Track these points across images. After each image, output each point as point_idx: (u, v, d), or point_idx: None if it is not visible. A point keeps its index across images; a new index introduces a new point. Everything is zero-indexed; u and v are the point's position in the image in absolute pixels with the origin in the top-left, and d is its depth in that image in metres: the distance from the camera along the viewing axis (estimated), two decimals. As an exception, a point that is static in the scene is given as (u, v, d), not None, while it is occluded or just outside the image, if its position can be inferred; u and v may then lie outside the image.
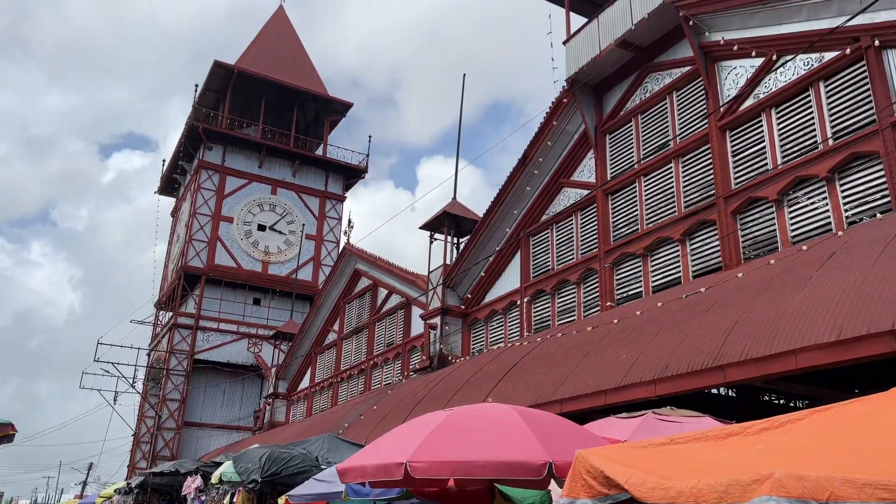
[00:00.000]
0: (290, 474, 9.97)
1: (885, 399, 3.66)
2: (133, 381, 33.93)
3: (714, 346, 7.27)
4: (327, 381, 25.36)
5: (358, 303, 24.42)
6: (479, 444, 4.79)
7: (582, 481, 3.98)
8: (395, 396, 15.95)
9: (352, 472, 5.40)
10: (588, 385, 8.90)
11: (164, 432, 32.16)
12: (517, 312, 16.19)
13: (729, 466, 3.52)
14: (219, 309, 34.23)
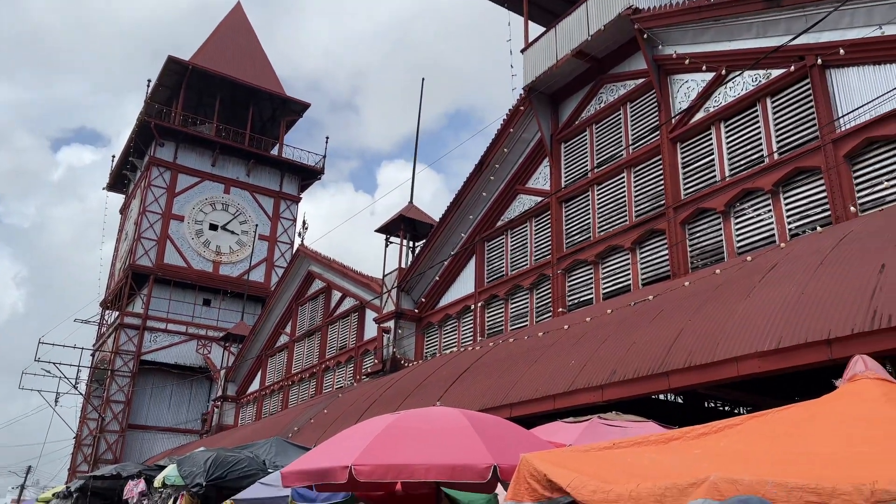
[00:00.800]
0: (236, 478, 9.81)
1: (816, 406, 3.79)
2: (76, 381, 32.91)
3: (660, 353, 7.42)
4: (278, 384, 25.01)
5: (311, 305, 24.16)
6: (425, 447, 4.78)
7: (526, 484, 4.02)
8: (346, 400, 15.83)
9: (295, 475, 5.33)
10: (537, 390, 8.98)
11: (108, 435, 31.24)
12: (471, 317, 16.25)
13: (668, 470, 3.60)
14: (167, 309, 33.45)
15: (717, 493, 3.10)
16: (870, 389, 3.58)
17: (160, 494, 10.43)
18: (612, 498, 3.59)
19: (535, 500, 3.95)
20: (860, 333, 5.38)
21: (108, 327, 35.08)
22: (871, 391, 3.56)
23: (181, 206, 34.73)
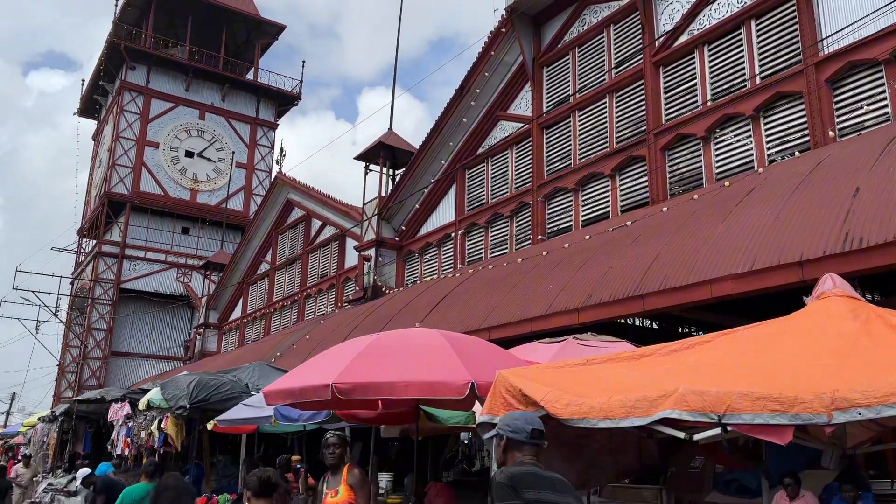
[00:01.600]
0: (220, 400, 9.94)
1: (785, 323, 3.89)
2: (56, 310, 32.86)
3: (636, 277, 7.52)
4: (260, 311, 25.16)
5: (291, 234, 24.06)
6: (405, 365, 4.87)
7: (502, 399, 4.11)
8: (328, 326, 15.99)
9: (278, 394, 5.42)
10: (516, 314, 9.11)
11: (91, 362, 31.46)
12: (451, 245, 16.31)
13: (639, 384, 3.70)
14: (145, 237, 33.16)
15: (685, 404, 3.21)
16: (837, 306, 3.68)
17: (145, 417, 10.59)
18: (585, 410, 3.70)
19: (511, 414, 4.07)
20: (832, 255, 5.48)
21: (87, 256, 34.80)
22: (839, 308, 3.65)
23: (155, 132, 33.94)
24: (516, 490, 2.99)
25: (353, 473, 4.95)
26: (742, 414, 2.96)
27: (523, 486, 2.99)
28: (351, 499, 4.87)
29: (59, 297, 33.39)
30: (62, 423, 14.22)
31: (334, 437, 5.12)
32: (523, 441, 3.17)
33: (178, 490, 5.54)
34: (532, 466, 3.11)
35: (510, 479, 3.01)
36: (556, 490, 3.07)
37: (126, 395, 11.60)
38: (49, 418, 16.54)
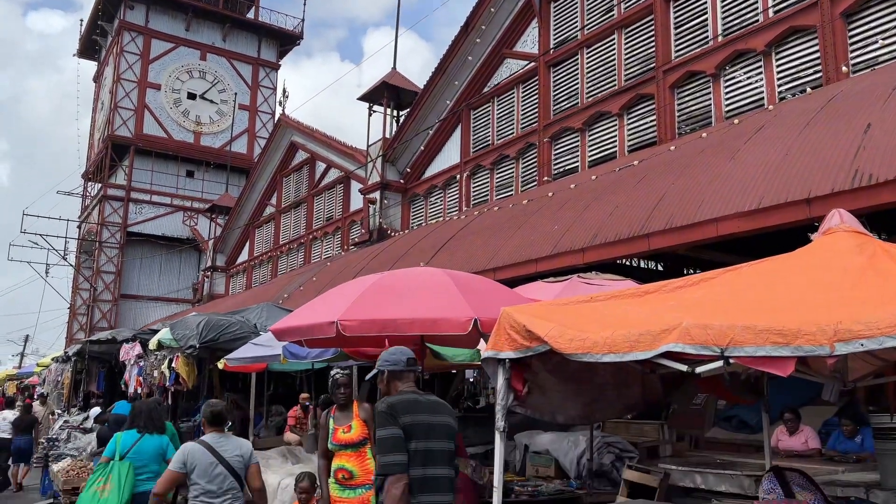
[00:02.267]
0: (229, 340, 10.09)
1: (791, 258, 3.87)
2: (64, 253, 33.11)
3: (642, 216, 7.49)
4: (266, 254, 25.29)
5: (295, 177, 23.96)
6: (409, 303, 4.91)
7: (506, 335, 4.15)
8: (334, 268, 16.08)
9: (285, 332, 5.49)
10: (520, 254, 9.12)
11: (101, 304, 31.86)
12: (456, 187, 16.23)
13: (643, 320, 3.71)
14: (150, 181, 33.11)
15: (689, 338, 3.23)
16: (843, 241, 3.65)
17: (155, 357, 10.77)
18: (588, 345, 3.73)
19: (514, 350, 4.10)
20: (840, 192, 5.43)
21: (92, 199, 34.84)
22: (845, 243, 3.62)
23: (157, 73, 33.48)
24: (394, 416, 3.38)
25: (363, 408, 4.95)
26: (745, 347, 2.98)
27: (400, 412, 3.39)
28: (364, 433, 4.86)
29: (67, 240, 33.61)
30: (75, 364, 14.51)
31: (344, 377, 5.09)
32: (402, 370, 3.63)
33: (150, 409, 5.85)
34: (411, 394, 3.53)
35: (389, 408, 3.43)
36: (432, 412, 3.51)
37: (136, 336, 11.78)
38: (62, 359, 16.87)
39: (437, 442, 3.42)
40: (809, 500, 3.56)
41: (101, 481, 5.17)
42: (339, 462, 4.89)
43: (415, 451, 3.32)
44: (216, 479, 4.40)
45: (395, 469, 3.27)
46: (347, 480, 4.83)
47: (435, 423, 3.46)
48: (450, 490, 3.45)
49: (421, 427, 3.39)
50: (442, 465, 3.40)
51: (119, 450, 5.33)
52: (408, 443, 3.34)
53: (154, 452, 5.42)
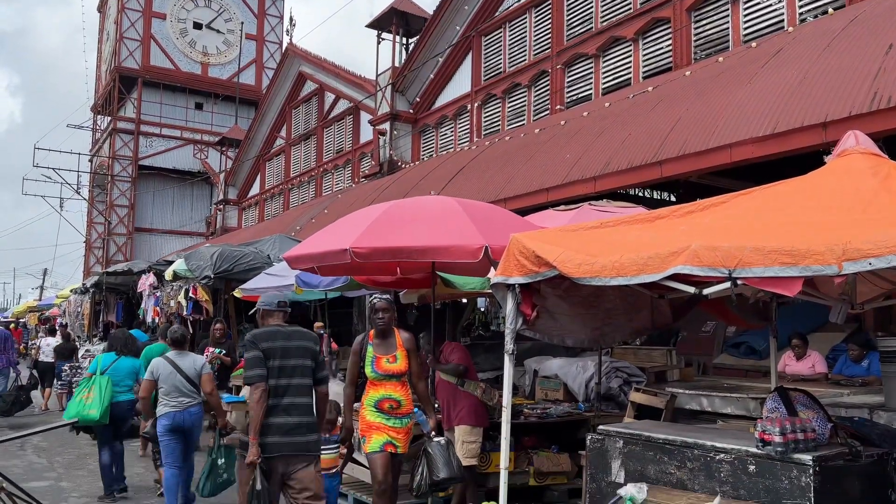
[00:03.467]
0: (243, 270, 10.24)
1: (803, 181, 3.84)
2: (77, 187, 33.27)
3: (655, 143, 7.40)
4: (277, 187, 25.29)
5: (304, 108, 23.70)
6: (420, 230, 4.94)
7: (515, 261, 4.18)
8: (345, 201, 16.09)
9: (298, 259, 5.56)
10: (532, 184, 9.08)
11: (116, 238, 32.21)
12: (467, 117, 16.01)
13: (652, 244, 3.72)
14: (159, 113, 32.87)
15: (697, 260, 3.24)
16: (857, 163, 3.60)
17: (171, 287, 10.97)
18: (597, 269, 3.76)
19: (524, 275, 4.14)
20: (857, 115, 5.32)
21: (102, 133, 34.74)
22: (859, 164, 3.58)
23: (161, 2, 32.74)
24: (256, 343, 4.32)
25: (408, 338, 4.90)
26: (753, 268, 2.99)
27: (261, 339, 4.33)
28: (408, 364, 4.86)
29: (80, 174, 33.70)
30: (93, 295, 14.81)
31: (383, 302, 4.79)
32: (272, 310, 4.52)
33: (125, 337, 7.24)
34: (274, 327, 4.46)
35: (253, 337, 4.40)
36: (288, 339, 4.40)
37: (152, 267, 11.97)
38: (81, 290, 17.20)
39: (293, 360, 4.36)
40: (812, 418, 3.64)
41: (85, 391, 6.30)
42: (385, 391, 4.80)
43: (271, 367, 4.27)
44: (176, 383, 5.71)
45: (254, 380, 4.25)
46: (395, 410, 4.79)
47: (290, 346, 4.37)
48: (307, 395, 4.43)
49: (277, 350, 4.32)
50: (298, 377, 4.36)
51: (100, 367, 6.48)
52: (267, 361, 4.26)
53: (128, 371, 6.62)
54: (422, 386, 4.96)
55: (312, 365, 4.45)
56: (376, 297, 4.86)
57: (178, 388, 5.69)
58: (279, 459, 4.21)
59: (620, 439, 4.30)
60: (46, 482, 6.97)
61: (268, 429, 4.18)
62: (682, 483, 3.95)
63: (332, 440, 5.03)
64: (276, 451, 4.18)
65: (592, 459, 4.44)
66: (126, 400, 6.49)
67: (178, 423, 5.70)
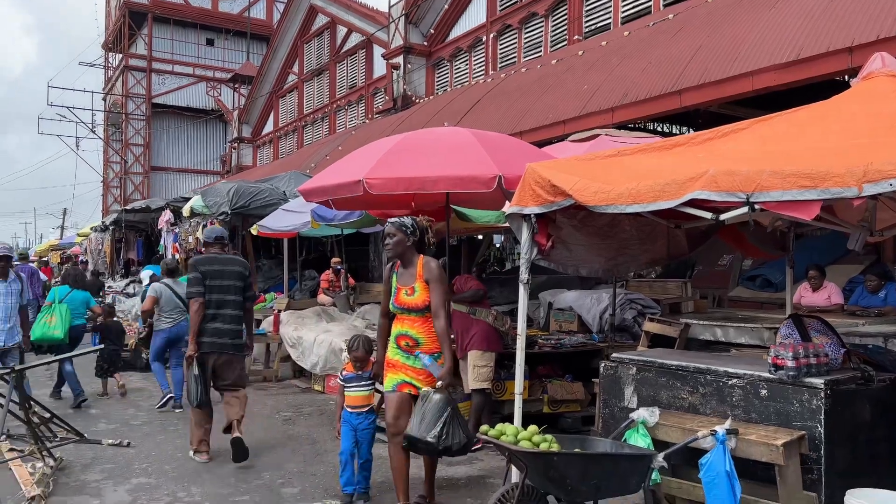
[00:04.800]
0: (259, 206, 10.30)
1: (825, 106, 3.75)
2: (92, 126, 33.23)
3: (674, 73, 7.24)
4: (291, 125, 25.13)
5: (317, 43, 23.29)
6: (434, 161, 4.91)
7: (530, 191, 4.16)
8: (359, 137, 15.98)
9: (313, 191, 5.57)
10: (548, 116, 8.96)
11: (132, 177, 32.36)
12: (482, 49, 15.67)
13: (669, 171, 3.68)
14: (171, 50, 32.48)
15: (714, 185, 3.21)
16: (882, 86, 3.51)
17: (189, 223, 11.07)
18: (613, 197, 3.73)
19: (539, 205, 4.12)
20: (885, 39, 5.14)
21: (114, 70, 34.46)
22: (884, 87, 3.49)
23: (168, -66, 31.94)
24: (196, 267, 5.42)
25: (429, 267, 4.23)
26: (770, 192, 2.96)
27: (201, 264, 5.45)
28: (428, 297, 4.21)
29: (94, 112, 33.62)
30: (113, 232, 14.99)
31: (390, 226, 4.32)
32: (211, 242, 5.63)
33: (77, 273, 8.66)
34: (213, 254, 5.54)
35: (195, 262, 5.56)
36: (224, 264, 5.47)
37: (169, 204, 12.05)
38: (101, 228, 17.41)
39: (226, 281, 5.41)
40: (825, 343, 3.66)
41: (47, 317, 7.42)
42: (401, 327, 4.28)
43: (209, 286, 5.32)
44: (171, 303, 7.31)
45: (193, 295, 5.31)
46: (411, 348, 4.25)
47: (226, 270, 5.44)
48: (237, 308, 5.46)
49: (214, 272, 5.37)
50: (230, 294, 5.41)
51: (58, 298, 7.68)
52: (205, 281, 5.30)
53: (81, 301, 7.94)
54: (439, 323, 4.19)
55: (242, 285, 5.51)
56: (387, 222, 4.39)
57: (173, 306, 7.32)
58: (209, 355, 5.33)
59: (633, 366, 4.36)
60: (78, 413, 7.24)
61: (203, 332, 5.30)
62: (694, 407, 4.02)
63: (364, 376, 4.62)
64: (207, 349, 5.31)
65: (606, 386, 4.52)
66: (80, 324, 7.91)
67: (172, 335, 7.31)
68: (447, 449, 3.97)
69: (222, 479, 5.02)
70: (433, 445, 3.92)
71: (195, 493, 4.75)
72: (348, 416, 4.59)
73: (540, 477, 3.56)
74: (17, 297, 6.47)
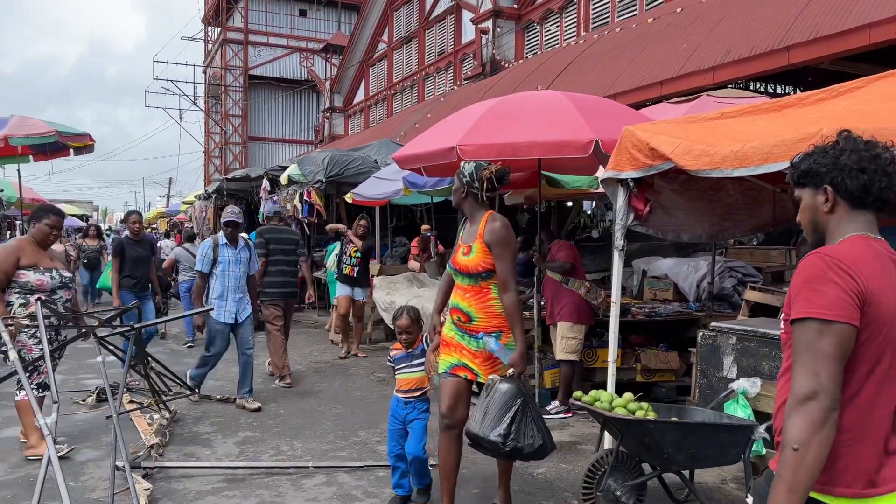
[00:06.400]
0: (353, 174, 10.53)
1: (958, 58, 3.46)
2: (194, 98, 34.73)
3: (782, 28, 6.82)
4: (381, 93, 25.39)
5: (406, 10, 23.32)
6: (527, 126, 4.85)
7: (627, 154, 4.06)
8: (448, 104, 15.97)
9: (406, 159, 5.64)
10: (644, 77, 8.66)
11: (232, 147, 33.71)
12: (574, 10, 15.24)
13: (779, 133, 3.50)
14: (266, 22, 33.39)
15: (829, 146, 3.03)
16: None
17: (287, 191, 11.45)
18: (717, 161, 3.58)
19: (636, 169, 4.02)
20: None
21: (213, 44, 35.78)
22: None
23: None
24: (262, 235, 7.14)
25: (492, 227, 3.48)
26: (893, 152, 2.76)
27: (265, 232, 7.20)
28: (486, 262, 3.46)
29: (195, 85, 35.10)
30: (216, 200, 15.68)
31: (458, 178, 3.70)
32: (271, 216, 7.62)
33: None
34: (272, 225, 7.44)
35: (259, 231, 7.44)
36: (281, 233, 7.28)
37: (268, 173, 12.48)
38: (204, 196, 18.26)
39: (284, 245, 7.14)
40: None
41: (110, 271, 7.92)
42: (454, 298, 3.62)
43: (272, 249, 7.01)
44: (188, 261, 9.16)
45: (261, 255, 6.82)
46: (463, 324, 3.55)
47: (282, 237, 7.20)
48: (292, 265, 7.22)
49: (274, 239, 7.10)
50: (286, 255, 7.13)
51: None
52: (268, 245, 7.01)
53: None
54: (507, 298, 3.44)
55: (294, 248, 7.25)
56: None
57: (190, 264, 8.91)
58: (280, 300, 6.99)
59: (734, 335, 4.23)
60: (187, 367, 7.72)
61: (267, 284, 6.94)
62: (799, 380, 3.87)
63: (415, 354, 3.92)
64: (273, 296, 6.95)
65: (704, 355, 4.41)
66: None
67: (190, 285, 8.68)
68: (516, 451, 3.31)
69: (321, 436, 5.26)
70: (498, 446, 3.29)
71: (297, 447, 5.00)
72: (396, 405, 3.93)
73: (635, 444, 3.53)
74: (245, 265, 6.10)
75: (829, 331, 1.56)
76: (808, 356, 1.58)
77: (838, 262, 1.61)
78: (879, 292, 1.61)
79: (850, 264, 1.61)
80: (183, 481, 4.30)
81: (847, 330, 1.57)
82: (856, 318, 1.58)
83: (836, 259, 1.62)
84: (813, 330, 1.58)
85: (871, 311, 1.59)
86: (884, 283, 1.63)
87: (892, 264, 1.69)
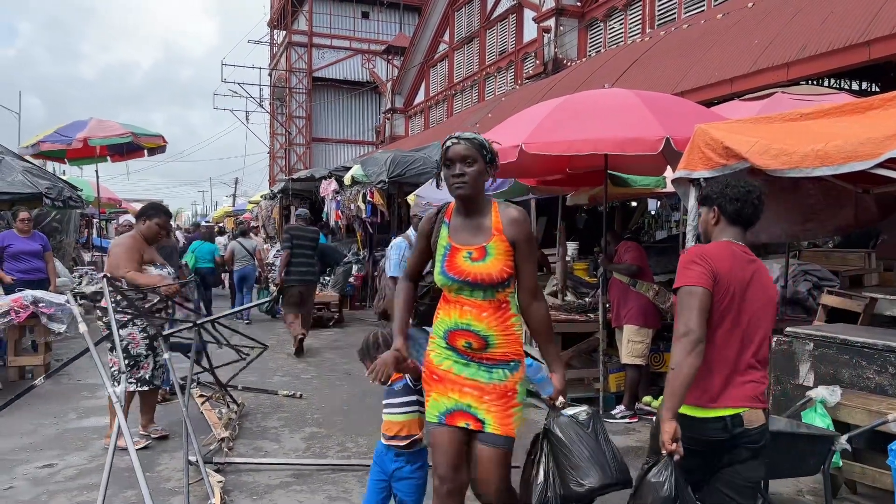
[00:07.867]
0: (414, 175, 10.59)
1: None
2: (260, 100, 35.61)
3: (862, 22, 6.53)
4: (441, 94, 25.48)
5: (467, 10, 23.33)
6: (595, 123, 4.77)
7: (700, 153, 3.96)
8: (509, 104, 15.90)
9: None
10: (713, 74, 8.43)
11: (296, 148, 34.44)
12: (639, 7, 14.95)
13: (862, 134, 3.34)
14: (329, 24, 33.97)
15: (920, 144, 2.89)
16: None
17: (350, 191, 11.62)
18: (797, 160, 3.46)
19: (710, 168, 3.91)
20: None
21: (279, 47, 36.60)
22: None
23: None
24: (288, 232, 9.03)
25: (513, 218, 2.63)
26: None
27: (291, 230, 9.03)
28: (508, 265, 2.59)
29: (261, 87, 35.98)
30: (281, 200, 16.06)
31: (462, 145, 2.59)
32: (300, 216, 9.37)
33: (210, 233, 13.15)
34: (298, 224, 9.16)
35: (288, 228, 9.39)
36: (305, 231, 9.03)
37: (332, 173, 12.69)
38: (269, 196, 18.72)
39: (306, 241, 8.89)
40: None
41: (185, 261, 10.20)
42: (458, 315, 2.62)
43: (295, 244, 8.73)
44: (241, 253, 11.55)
45: (285, 248, 8.80)
46: (475, 351, 2.62)
47: (305, 235, 8.95)
48: (311, 257, 9.02)
49: (298, 237, 8.81)
50: (307, 250, 8.88)
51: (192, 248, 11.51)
52: (293, 241, 8.74)
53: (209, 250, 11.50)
54: (541, 309, 2.69)
55: (314, 245, 9.07)
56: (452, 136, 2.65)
57: (242, 255, 11.44)
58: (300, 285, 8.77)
59: (811, 341, 4.07)
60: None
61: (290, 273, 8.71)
62: (882, 388, 3.70)
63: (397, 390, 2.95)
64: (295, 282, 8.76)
65: (778, 362, 4.26)
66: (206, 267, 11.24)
67: (242, 273, 11.43)
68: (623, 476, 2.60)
69: (386, 433, 5.30)
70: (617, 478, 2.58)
71: (361, 443, 5.06)
72: (381, 451, 2.97)
73: (707, 451, 3.44)
74: None
75: (693, 292, 2.41)
76: (683, 309, 2.40)
77: (701, 254, 2.48)
78: (727, 273, 2.43)
79: (708, 256, 2.46)
80: (252, 474, 4.41)
81: (704, 292, 2.40)
82: (710, 285, 2.40)
83: (701, 252, 2.49)
84: (685, 293, 2.43)
85: (721, 284, 2.41)
86: (732, 268, 2.45)
87: (742, 259, 2.50)
